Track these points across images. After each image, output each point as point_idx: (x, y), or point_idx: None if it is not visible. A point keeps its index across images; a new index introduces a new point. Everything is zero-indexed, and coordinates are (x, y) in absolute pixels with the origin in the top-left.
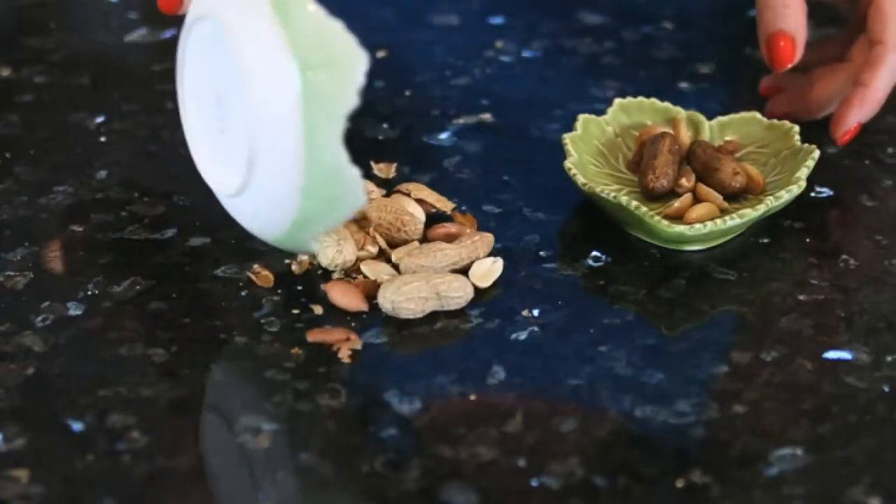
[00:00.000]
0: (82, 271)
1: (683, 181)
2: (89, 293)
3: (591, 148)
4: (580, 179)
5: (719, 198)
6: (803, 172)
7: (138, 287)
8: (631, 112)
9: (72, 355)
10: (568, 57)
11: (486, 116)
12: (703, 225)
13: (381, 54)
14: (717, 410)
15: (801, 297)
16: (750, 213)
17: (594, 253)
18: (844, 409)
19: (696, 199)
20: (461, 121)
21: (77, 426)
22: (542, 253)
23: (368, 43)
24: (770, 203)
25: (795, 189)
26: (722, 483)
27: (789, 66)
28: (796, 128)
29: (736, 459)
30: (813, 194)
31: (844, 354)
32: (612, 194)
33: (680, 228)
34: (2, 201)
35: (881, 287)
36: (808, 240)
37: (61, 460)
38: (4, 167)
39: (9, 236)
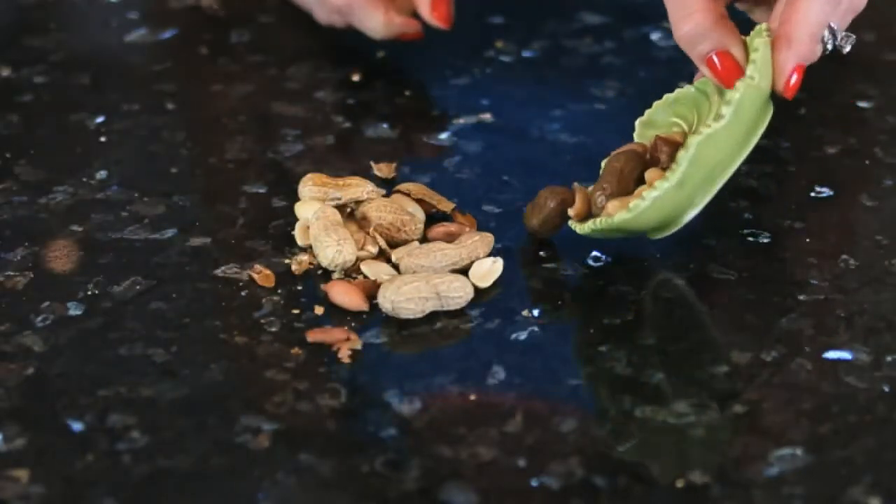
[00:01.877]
0: (82, 271)
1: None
2: (89, 293)
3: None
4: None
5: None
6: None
7: (138, 287)
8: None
9: (72, 355)
10: (568, 57)
11: (486, 116)
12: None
13: (380, 54)
14: (717, 410)
15: (801, 297)
16: (663, 185)
17: (594, 253)
18: (844, 409)
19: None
20: (461, 121)
21: (77, 426)
22: (542, 253)
23: (368, 43)
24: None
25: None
26: (722, 483)
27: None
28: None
29: (736, 459)
30: (813, 194)
31: (844, 354)
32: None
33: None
34: (2, 201)
35: (881, 287)
36: (808, 240)
37: (61, 460)
38: (4, 167)
39: (9, 236)
